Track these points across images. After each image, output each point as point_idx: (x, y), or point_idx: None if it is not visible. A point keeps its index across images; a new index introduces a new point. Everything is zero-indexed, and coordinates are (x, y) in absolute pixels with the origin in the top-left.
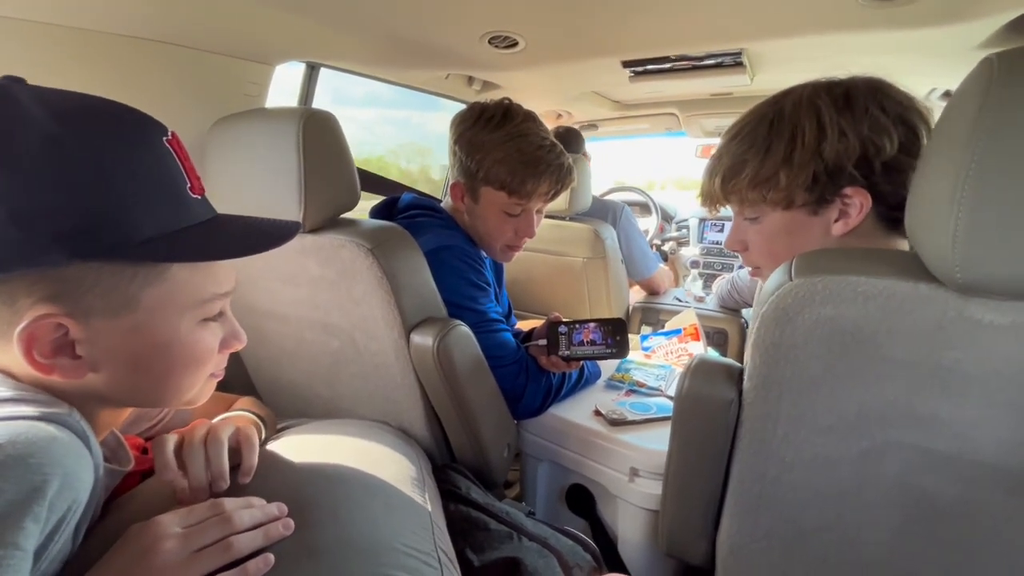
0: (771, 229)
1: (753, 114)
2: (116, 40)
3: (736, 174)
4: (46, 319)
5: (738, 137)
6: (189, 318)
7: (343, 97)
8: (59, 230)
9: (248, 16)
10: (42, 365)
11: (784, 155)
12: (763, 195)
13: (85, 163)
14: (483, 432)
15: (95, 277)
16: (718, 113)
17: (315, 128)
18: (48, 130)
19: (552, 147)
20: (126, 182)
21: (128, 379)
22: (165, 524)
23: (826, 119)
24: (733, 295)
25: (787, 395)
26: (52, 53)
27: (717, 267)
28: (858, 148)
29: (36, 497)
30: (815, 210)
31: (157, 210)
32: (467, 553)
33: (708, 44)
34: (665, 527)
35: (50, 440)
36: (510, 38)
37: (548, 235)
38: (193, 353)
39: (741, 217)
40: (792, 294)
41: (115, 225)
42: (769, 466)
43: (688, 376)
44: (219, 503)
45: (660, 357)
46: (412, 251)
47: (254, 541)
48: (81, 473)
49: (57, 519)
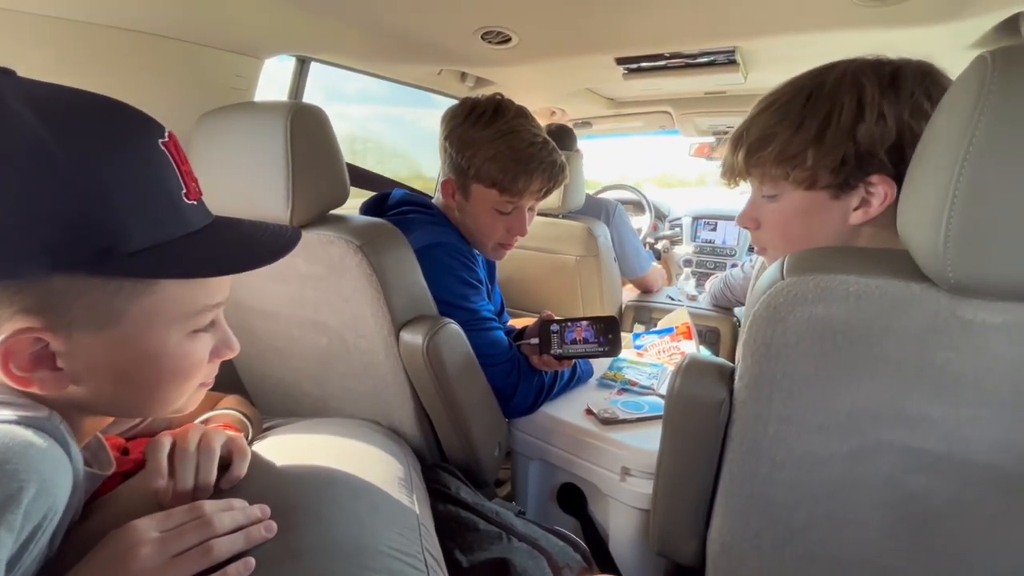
0: (789, 208)
1: (791, 86)
2: (100, 31)
3: (762, 147)
4: (25, 333)
5: (770, 109)
6: (178, 330)
7: (336, 94)
8: (42, 240)
9: (236, 7)
10: (19, 378)
11: (816, 132)
12: (787, 172)
13: (72, 170)
14: (474, 431)
15: (79, 289)
16: (712, 112)
17: (303, 122)
18: (34, 133)
19: (544, 144)
20: (115, 191)
21: (112, 391)
22: (142, 529)
23: (868, 98)
24: (726, 293)
25: (778, 394)
26: (35, 43)
27: (710, 266)
28: (894, 134)
29: (10, 505)
30: (837, 194)
31: (148, 220)
32: (456, 554)
33: (701, 42)
34: (656, 526)
35: (27, 446)
36: (503, 34)
37: (541, 232)
38: (182, 366)
39: (759, 193)
40: (784, 293)
41: (102, 236)
42: (760, 465)
43: (679, 375)
44: (198, 506)
45: (652, 355)
46: (402, 248)
47: (235, 544)
48: (59, 480)
49: (32, 527)
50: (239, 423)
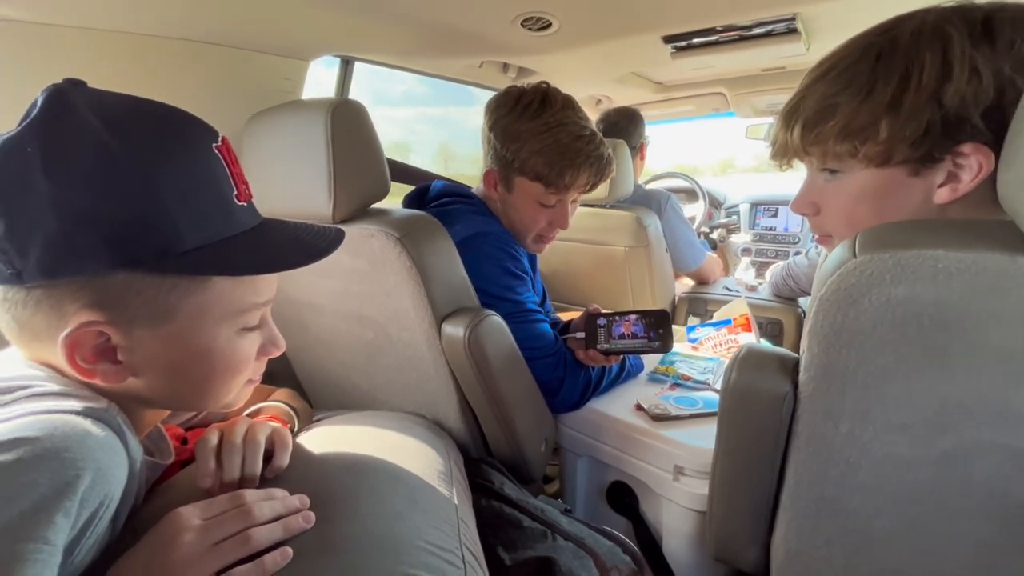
0: (856, 189)
1: (854, 45)
2: (158, 42)
3: (822, 121)
4: (89, 327)
5: (830, 74)
6: (228, 327)
7: (382, 97)
8: (105, 238)
9: (283, 12)
10: (84, 370)
11: (890, 98)
12: (854, 147)
13: (133, 173)
14: (518, 426)
15: (138, 286)
16: (770, 90)
17: (344, 118)
18: (100, 139)
19: (592, 137)
20: (172, 193)
21: (167, 385)
22: (186, 516)
23: (955, 52)
24: (788, 283)
25: (851, 388)
26: (100, 57)
27: (770, 254)
28: (992, 93)
29: (68, 492)
30: (917, 170)
31: (202, 220)
32: (498, 551)
33: (757, 10)
34: (713, 530)
35: (85, 435)
36: (543, 19)
37: (588, 224)
38: (231, 362)
39: (817, 173)
40: (856, 273)
41: (160, 235)
42: (831, 467)
43: (735, 367)
44: (240, 495)
45: (708, 349)
46: (442, 240)
47: (273, 534)
48: (115, 469)
49: (89, 514)
50: (286, 415)
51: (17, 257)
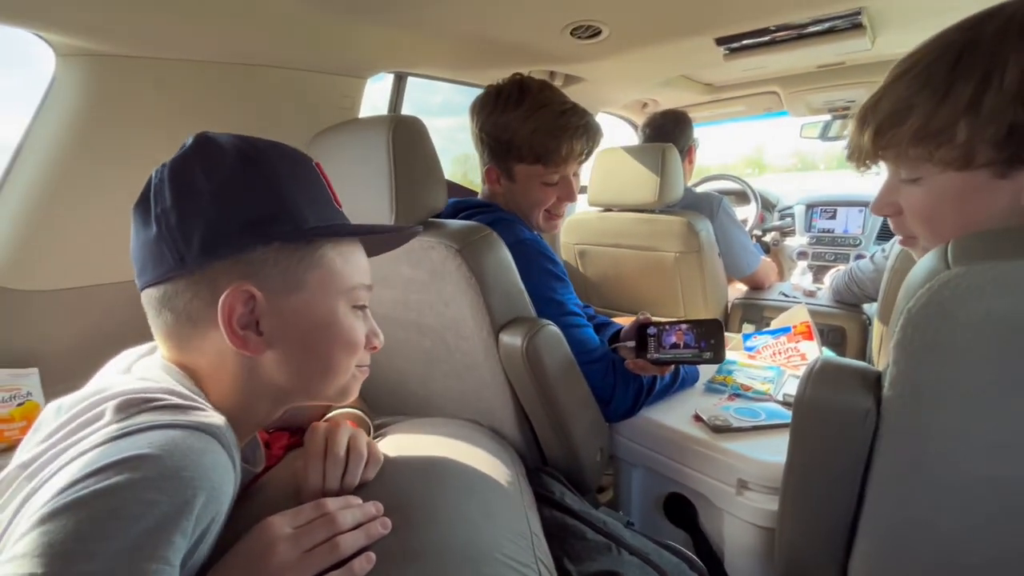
0: (937, 193)
1: (934, 44)
2: (225, 68)
3: (896, 124)
4: (242, 288)
5: (908, 75)
6: (343, 302)
7: (421, 108)
8: (251, 222)
9: (343, 33)
10: (237, 337)
11: (970, 99)
12: (929, 152)
13: (267, 172)
14: (574, 434)
15: (275, 258)
16: (827, 87)
17: (404, 133)
18: (240, 150)
19: (574, 109)
20: (295, 187)
21: (295, 357)
22: (278, 526)
23: None
24: (852, 288)
25: (946, 406)
26: (175, 85)
27: (829, 257)
28: None
29: (186, 511)
30: (1003, 172)
31: (317, 208)
32: (565, 562)
33: (816, 7)
34: (783, 549)
35: (201, 453)
36: (593, 27)
37: (636, 229)
38: (349, 335)
39: (896, 175)
40: (951, 285)
41: (289, 216)
42: (919, 489)
43: (810, 380)
44: (323, 503)
45: (766, 358)
46: (500, 250)
47: (357, 540)
48: (225, 487)
49: (201, 531)
50: (361, 421)
51: (183, 242)
